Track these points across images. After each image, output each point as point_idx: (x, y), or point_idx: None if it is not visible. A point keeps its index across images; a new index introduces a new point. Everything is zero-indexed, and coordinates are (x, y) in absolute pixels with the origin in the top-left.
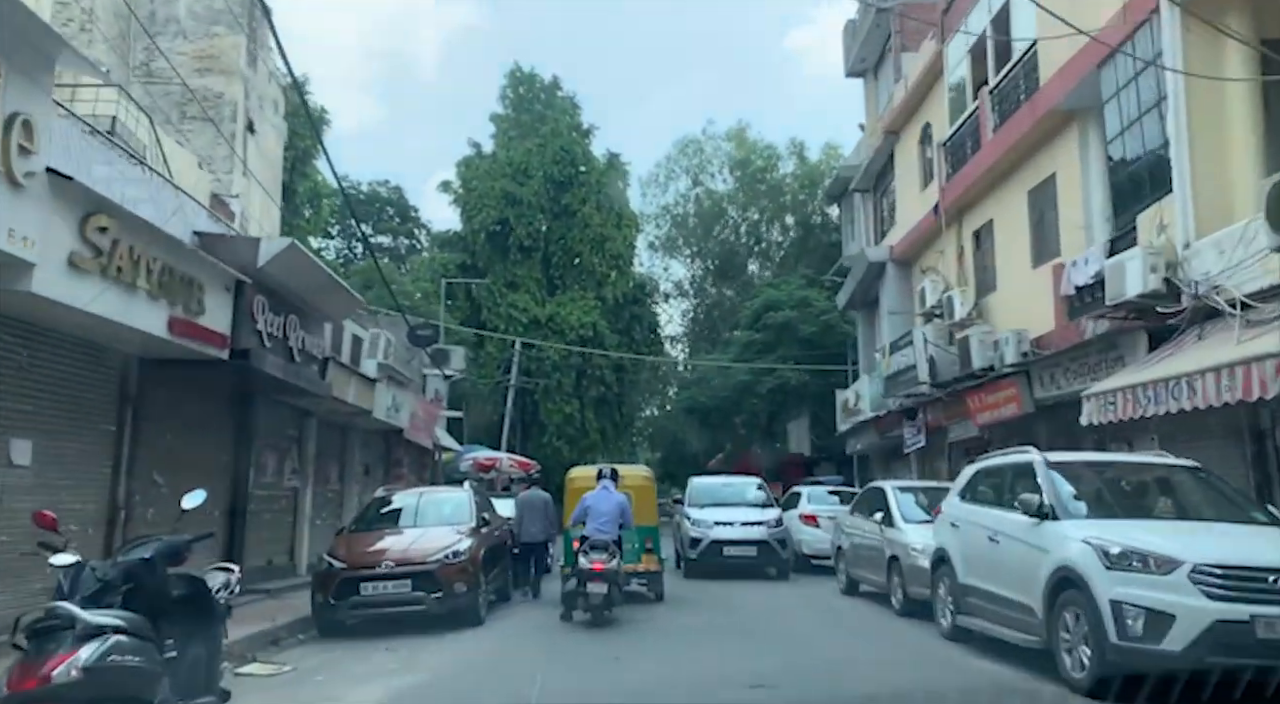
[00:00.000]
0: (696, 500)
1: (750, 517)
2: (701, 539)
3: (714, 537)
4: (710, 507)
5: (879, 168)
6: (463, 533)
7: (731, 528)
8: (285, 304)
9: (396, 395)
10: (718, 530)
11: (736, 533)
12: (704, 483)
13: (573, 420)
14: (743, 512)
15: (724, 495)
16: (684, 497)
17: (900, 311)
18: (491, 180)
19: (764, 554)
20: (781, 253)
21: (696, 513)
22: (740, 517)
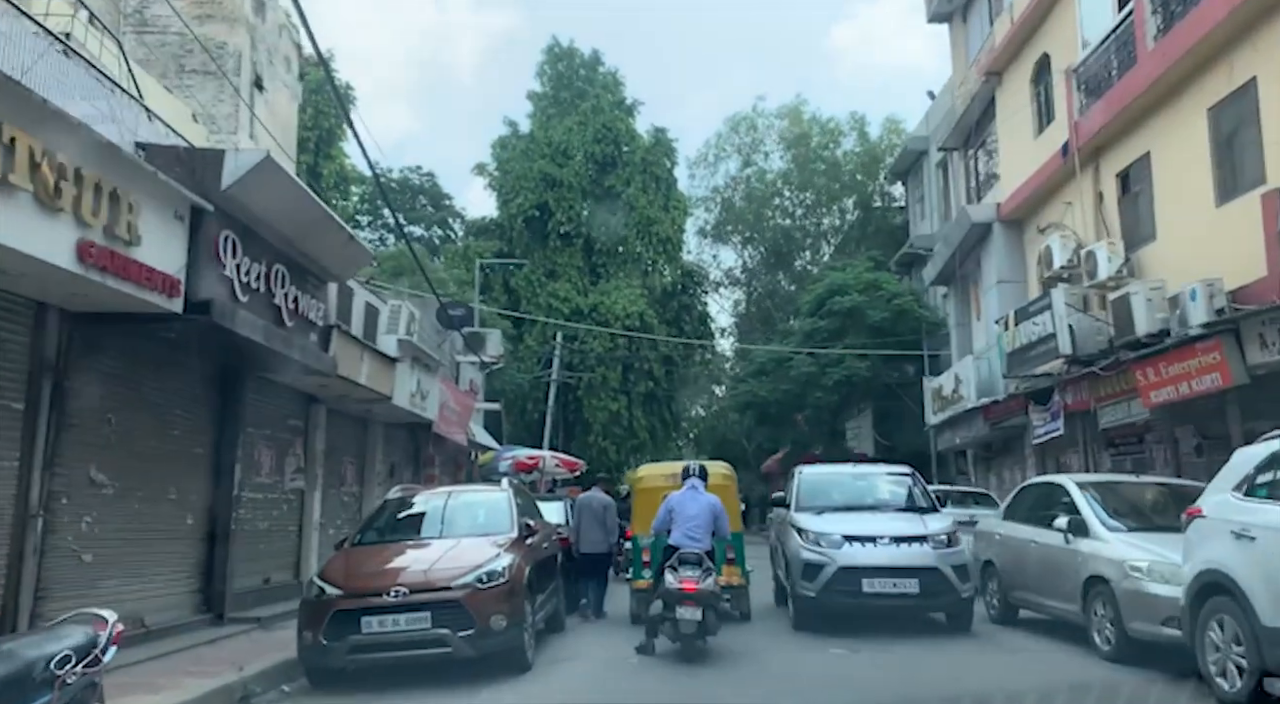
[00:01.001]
0: (809, 502)
1: (903, 528)
2: (824, 564)
3: (845, 561)
4: (832, 512)
5: (973, 120)
6: (501, 546)
7: (874, 547)
8: (269, 249)
9: (423, 380)
10: (851, 551)
11: (884, 555)
12: (820, 474)
13: (619, 418)
14: (889, 520)
15: (854, 493)
16: (788, 494)
17: (1011, 279)
18: (529, 161)
19: (931, 589)
20: (839, 237)
21: (811, 521)
22: (886, 527)
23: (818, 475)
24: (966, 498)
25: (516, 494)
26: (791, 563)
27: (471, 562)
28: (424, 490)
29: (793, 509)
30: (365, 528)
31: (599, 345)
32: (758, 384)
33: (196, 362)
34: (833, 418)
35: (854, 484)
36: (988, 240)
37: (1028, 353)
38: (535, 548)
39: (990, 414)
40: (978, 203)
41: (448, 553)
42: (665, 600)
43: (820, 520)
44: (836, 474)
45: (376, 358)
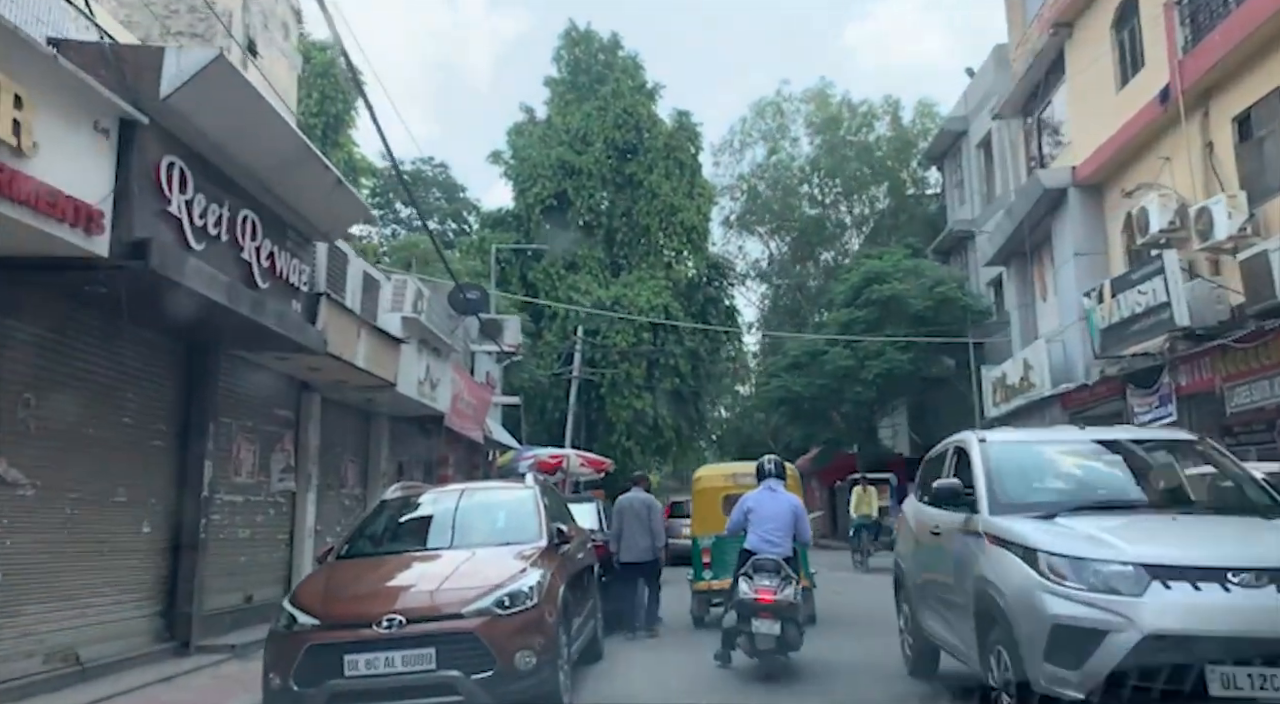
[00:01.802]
0: (1022, 495)
1: (1265, 550)
2: (1106, 630)
3: (1159, 621)
4: (1083, 513)
5: (1034, 82)
6: (528, 558)
7: (1223, 591)
8: (235, 190)
9: (433, 367)
10: (1171, 600)
11: (1253, 609)
12: (1029, 446)
13: (644, 417)
14: (1218, 531)
15: (1108, 480)
16: (983, 490)
17: (1089, 251)
18: (546, 148)
19: None
20: (869, 226)
21: (1052, 534)
22: (1232, 549)
23: (1025, 448)
24: None
25: (544, 493)
26: (1009, 617)
27: (490, 579)
28: (431, 489)
29: (986, 507)
30: (354, 536)
31: (622, 340)
32: (791, 378)
33: (153, 333)
34: (870, 415)
35: (1104, 463)
36: (1061, 209)
37: (1128, 328)
38: (570, 559)
39: (1070, 401)
40: (1040, 171)
41: (460, 568)
42: (740, 611)
43: (1073, 533)
44: (1064, 444)
45: (377, 337)
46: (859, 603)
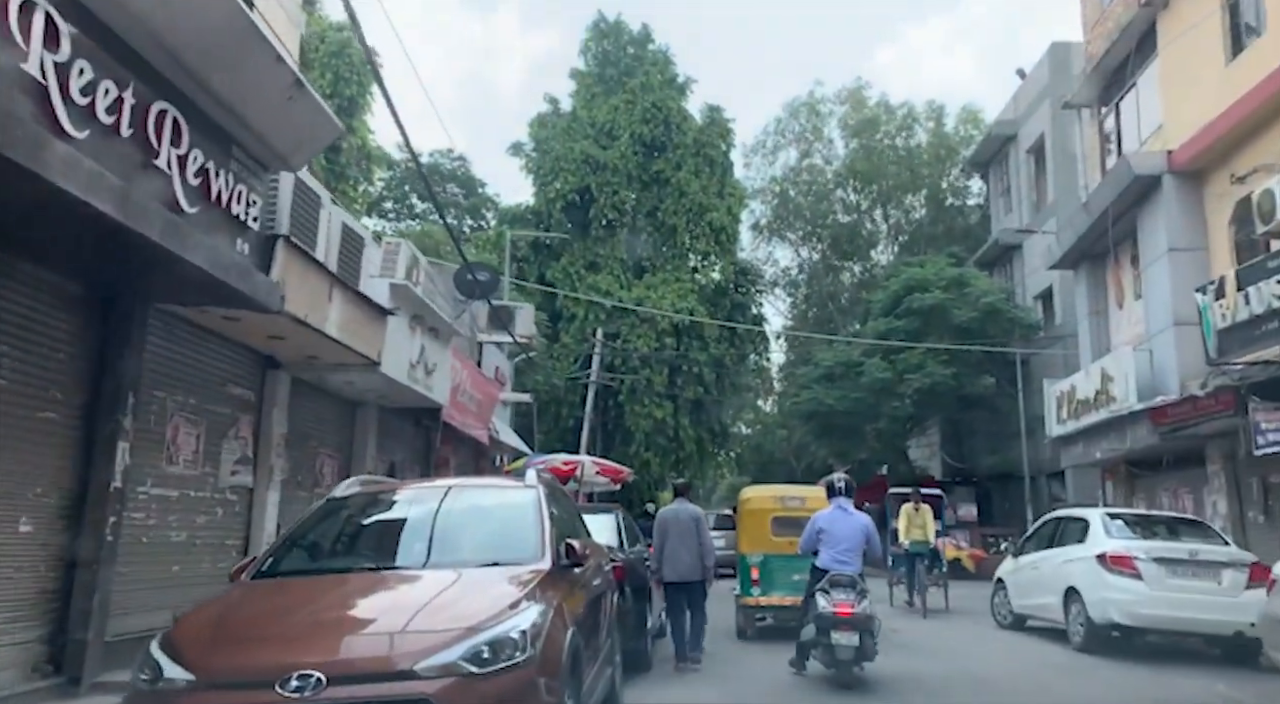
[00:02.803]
0: None
1: None
2: None
3: None
4: None
5: (1115, 64)
6: (524, 586)
7: None
8: (146, 72)
9: (429, 350)
10: None
11: None
12: None
13: (664, 427)
14: None
15: None
16: None
17: (1187, 247)
18: (570, 142)
19: None
20: (904, 236)
21: None
22: None
23: None
24: (1174, 527)
25: (552, 497)
26: None
27: (465, 617)
28: (402, 485)
29: None
30: (283, 546)
31: (643, 344)
32: (823, 390)
33: (52, 273)
34: (904, 432)
35: None
36: (1152, 200)
37: (1259, 328)
38: (583, 587)
39: (1164, 417)
40: (1130, 155)
41: (424, 599)
42: (819, 625)
43: None
44: None
45: (356, 304)
46: (924, 648)
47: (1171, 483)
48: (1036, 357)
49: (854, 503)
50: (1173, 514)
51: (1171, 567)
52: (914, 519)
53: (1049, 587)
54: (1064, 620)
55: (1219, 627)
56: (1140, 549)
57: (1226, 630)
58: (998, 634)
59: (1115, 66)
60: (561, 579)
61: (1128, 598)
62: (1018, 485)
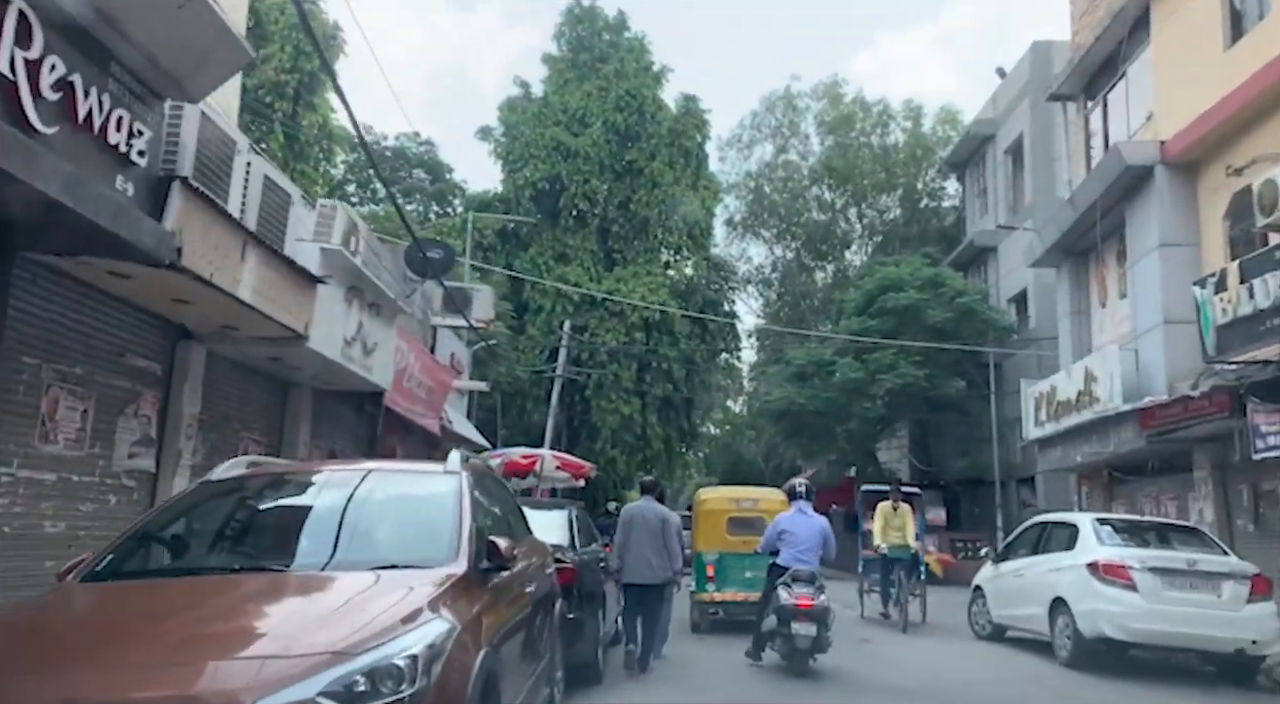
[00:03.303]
0: None
1: None
2: None
3: None
4: None
5: (1102, 56)
6: (425, 594)
7: None
8: None
9: (369, 327)
10: None
11: None
12: None
13: (631, 424)
14: None
15: None
16: None
17: (1179, 242)
18: (541, 128)
19: None
20: (879, 236)
21: None
22: None
23: None
24: (1168, 535)
25: (479, 487)
26: None
27: (339, 637)
28: (297, 469)
29: None
30: (131, 540)
31: (612, 338)
32: (794, 390)
33: None
34: (875, 434)
35: None
36: (1143, 193)
37: (1263, 323)
38: (509, 597)
39: (1152, 419)
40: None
41: (290, 613)
42: (780, 616)
43: None
44: None
45: (278, 267)
46: (894, 660)
47: (1154, 489)
48: (1009, 360)
49: (823, 505)
50: (1166, 521)
51: (1168, 577)
52: (891, 520)
53: (1033, 596)
54: (1049, 633)
55: (1218, 643)
56: (1135, 558)
57: (1226, 648)
58: (975, 646)
59: (1104, 57)
60: (479, 586)
61: (1120, 610)
62: (987, 490)
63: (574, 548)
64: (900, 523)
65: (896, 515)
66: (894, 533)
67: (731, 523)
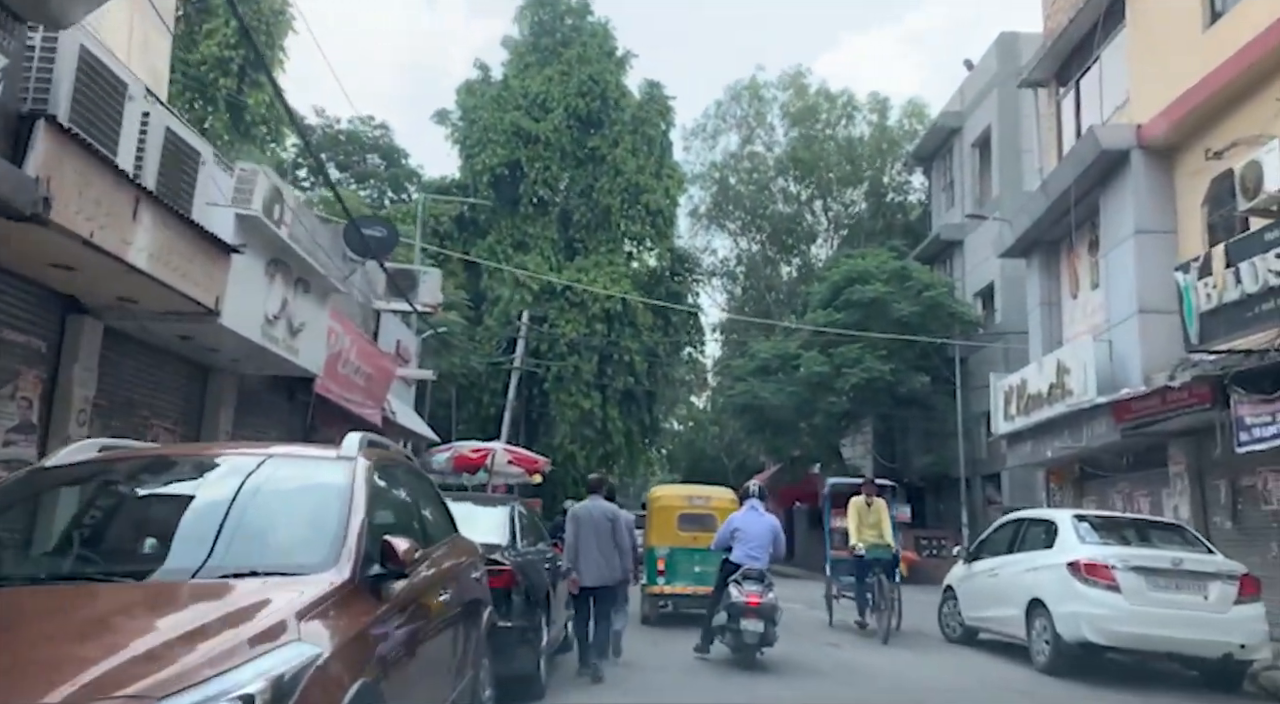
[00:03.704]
0: None
1: None
2: None
3: None
4: None
5: (1076, 39)
6: (287, 609)
7: None
8: None
9: (295, 305)
10: None
11: None
12: None
13: (591, 418)
14: None
15: None
16: None
17: (1155, 229)
18: (500, 112)
19: None
20: (844, 230)
21: None
22: None
23: None
24: (1149, 532)
25: (379, 473)
26: None
27: (152, 670)
28: (160, 452)
29: None
30: None
31: (572, 329)
32: (758, 383)
33: None
34: (839, 429)
35: None
36: (1119, 178)
37: (1250, 309)
38: (413, 605)
39: (1128, 412)
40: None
41: (98, 636)
42: (730, 612)
43: None
44: None
45: (181, 231)
46: (858, 666)
47: (1126, 485)
48: (975, 356)
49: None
50: (1147, 517)
51: (1153, 578)
52: (866, 516)
53: (1009, 597)
54: (1025, 636)
55: (1205, 648)
56: (1118, 557)
57: (1213, 652)
58: (945, 650)
59: (1077, 41)
60: (366, 597)
61: (1102, 613)
62: (951, 487)
63: (514, 547)
64: (876, 519)
65: (871, 511)
66: (869, 531)
67: (683, 519)
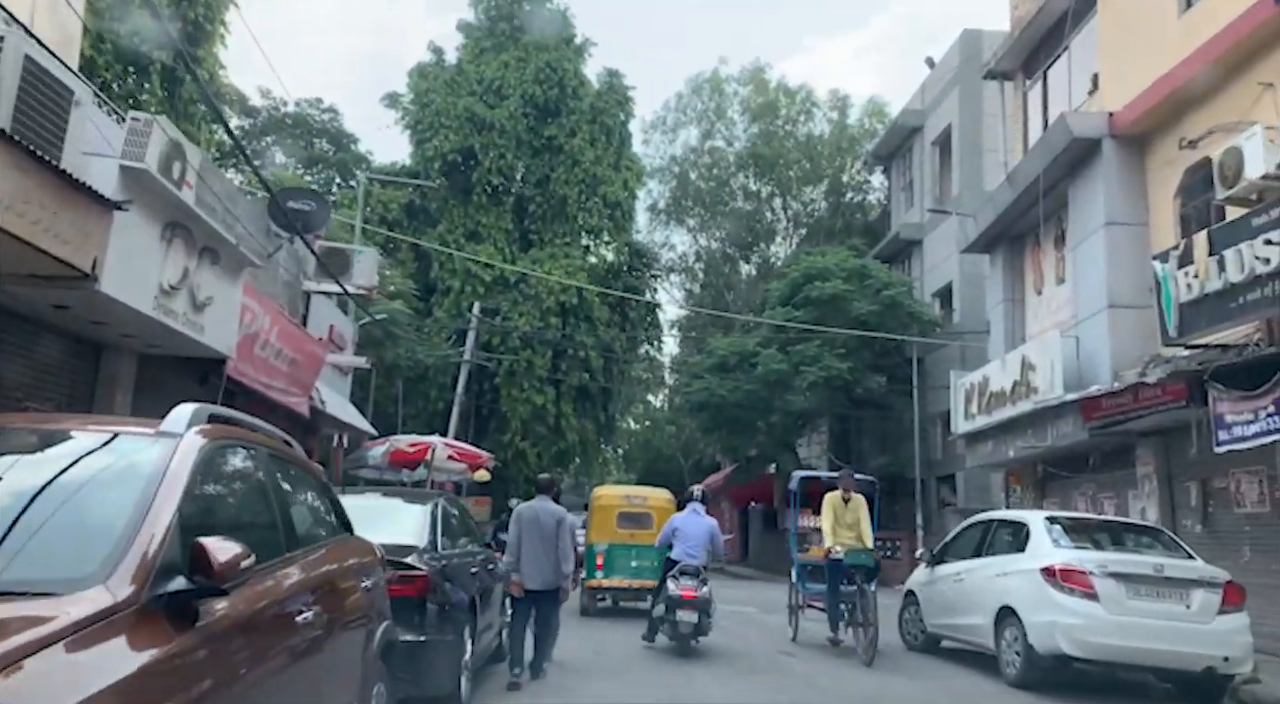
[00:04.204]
0: None
1: None
2: None
3: None
4: None
5: (1044, 28)
6: (12, 653)
7: None
8: None
9: (198, 275)
10: None
11: None
12: None
13: (544, 415)
14: None
15: None
16: None
17: (1126, 221)
18: (453, 97)
19: None
20: (804, 229)
21: None
22: None
23: None
24: (1123, 536)
25: (220, 455)
26: None
27: None
28: None
29: None
30: None
31: (526, 323)
32: (716, 381)
33: None
34: (796, 429)
35: None
36: (1089, 168)
37: (1235, 299)
38: (240, 637)
39: (1097, 410)
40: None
41: None
42: (667, 605)
43: None
44: None
45: (42, 177)
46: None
47: (1090, 487)
48: (932, 356)
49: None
50: (1122, 520)
51: (1133, 585)
52: (842, 515)
53: (976, 604)
54: (993, 646)
55: (1187, 660)
56: (1095, 563)
57: (1195, 665)
58: (907, 659)
59: (1046, 29)
60: (156, 626)
61: (1078, 623)
62: (906, 488)
63: (433, 550)
64: (854, 518)
65: (849, 509)
66: (846, 532)
67: (621, 517)
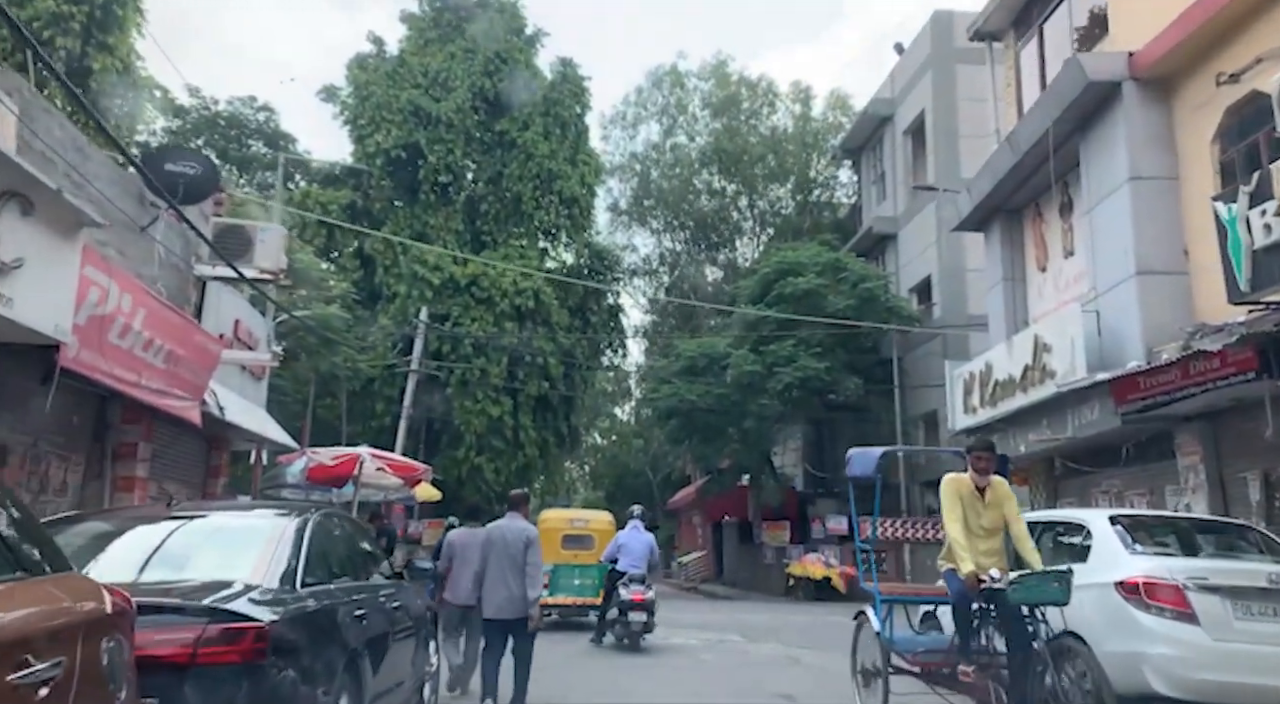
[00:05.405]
0: None
1: None
2: None
3: None
4: None
5: None
6: None
7: None
8: None
9: (7, 232)
10: None
11: None
12: None
13: (500, 427)
14: None
15: None
16: None
17: (1153, 175)
18: (395, 89)
19: None
20: (771, 228)
21: None
22: None
23: None
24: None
25: None
26: None
27: None
28: None
29: None
30: None
31: (479, 329)
32: (685, 385)
33: None
34: (771, 435)
35: None
36: (1106, 118)
37: None
38: None
39: (1134, 391)
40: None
41: None
42: (620, 608)
43: None
44: None
45: None
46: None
47: (1114, 483)
48: (911, 356)
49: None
50: (1202, 517)
51: (1241, 602)
52: (978, 514)
53: None
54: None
55: None
56: (1189, 573)
57: None
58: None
59: None
60: None
61: (1174, 653)
62: (890, 496)
63: (289, 587)
64: (995, 520)
65: (987, 505)
66: (986, 543)
67: (565, 539)
